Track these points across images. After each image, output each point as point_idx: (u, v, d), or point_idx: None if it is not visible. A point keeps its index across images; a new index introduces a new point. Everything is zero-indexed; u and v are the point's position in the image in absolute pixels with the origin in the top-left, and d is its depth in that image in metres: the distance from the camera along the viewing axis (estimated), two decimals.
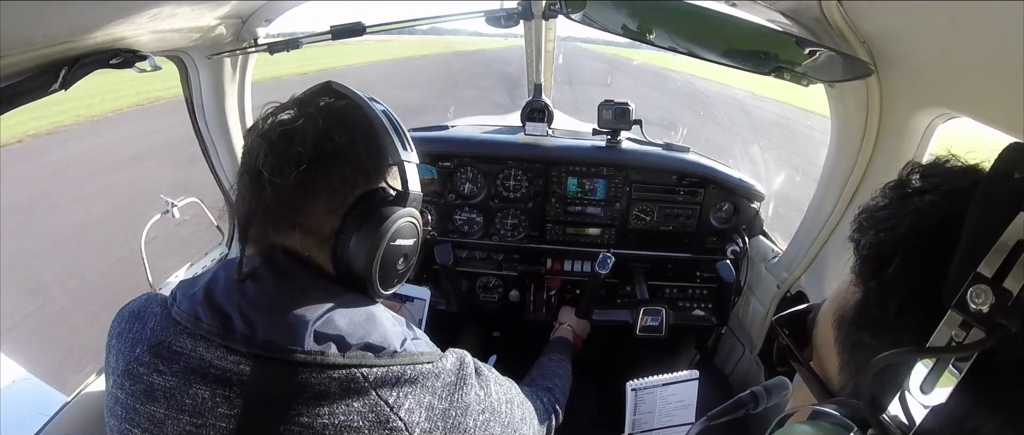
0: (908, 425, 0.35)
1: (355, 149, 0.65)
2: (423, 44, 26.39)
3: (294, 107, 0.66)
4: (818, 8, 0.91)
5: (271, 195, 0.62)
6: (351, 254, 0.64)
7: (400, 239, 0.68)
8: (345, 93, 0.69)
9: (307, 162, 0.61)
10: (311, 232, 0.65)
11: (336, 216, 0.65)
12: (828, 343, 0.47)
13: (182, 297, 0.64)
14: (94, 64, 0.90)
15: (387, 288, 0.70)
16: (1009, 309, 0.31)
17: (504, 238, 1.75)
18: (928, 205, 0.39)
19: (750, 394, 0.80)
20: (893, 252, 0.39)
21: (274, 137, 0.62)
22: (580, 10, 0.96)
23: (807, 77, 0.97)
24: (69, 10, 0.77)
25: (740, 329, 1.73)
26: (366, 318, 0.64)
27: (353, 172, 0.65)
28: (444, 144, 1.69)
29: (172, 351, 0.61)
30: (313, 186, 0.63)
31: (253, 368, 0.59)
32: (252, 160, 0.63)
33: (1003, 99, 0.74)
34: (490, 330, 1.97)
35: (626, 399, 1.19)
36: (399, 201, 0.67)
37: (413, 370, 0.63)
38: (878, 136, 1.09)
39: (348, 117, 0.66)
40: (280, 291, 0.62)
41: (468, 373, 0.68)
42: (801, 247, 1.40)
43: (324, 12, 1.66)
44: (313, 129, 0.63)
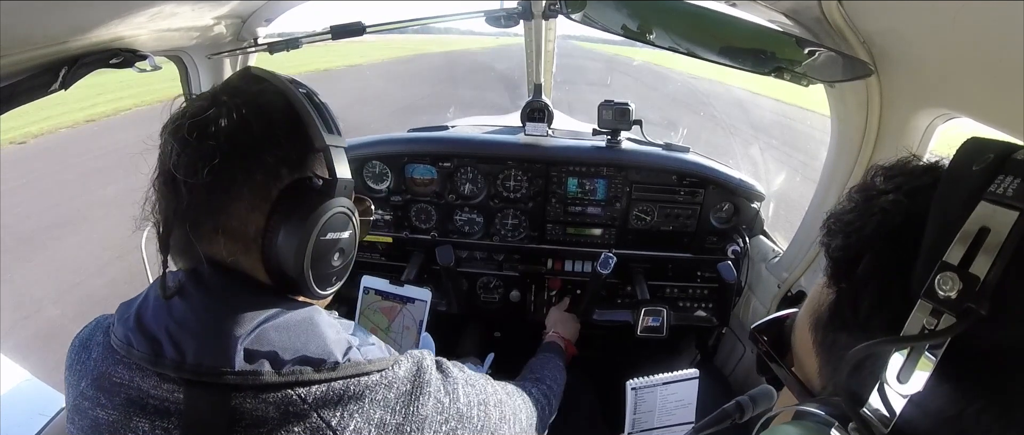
0: (889, 416, 0.36)
1: (275, 137, 0.59)
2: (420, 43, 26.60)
3: (207, 97, 0.60)
4: (818, 8, 0.91)
5: (187, 198, 0.56)
6: (280, 254, 0.59)
7: (332, 232, 0.62)
8: (265, 78, 0.63)
9: (221, 156, 0.56)
10: (235, 235, 0.59)
11: (260, 213, 0.59)
12: (806, 346, 0.48)
13: (118, 322, 0.60)
14: (94, 64, 0.90)
15: (325, 288, 0.65)
16: (977, 294, 0.32)
17: (504, 238, 1.75)
18: (892, 204, 0.40)
19: (735, 404, 0.80)
20: (861, 252, 0.40)
21: (184, 132, 0.56)
22: (580, 10, 0.96)
23: (807, 77, 0.97)
24: (69, 10, 0.77)
25: (741, 329, 1.73)
26: (303, 328, 0.58)
27: (275, 163, 0.59)
28: (444, 144, 1.69)
29: (112, 383, 0.57)
30: (232, 183, 0.57)
31: (186, 395, 0.55)
32: (165, 160, 0.58)
33: (1003, 99, 0.74)
34: (491, 330, 1.97)
35: (626, 398, 1.19)
36: (327, 190, 0.61)
37: (358, 384, 0.57)
38: (878, 136, 1.09)
39: (266, 103, 0.60)
40: (206, 307, 0.57)
41: (427, 379, 0.62)
42: (801, 247, 1.40)
43: (324, 12, 1.66)
44: (227, 119, 0.57)
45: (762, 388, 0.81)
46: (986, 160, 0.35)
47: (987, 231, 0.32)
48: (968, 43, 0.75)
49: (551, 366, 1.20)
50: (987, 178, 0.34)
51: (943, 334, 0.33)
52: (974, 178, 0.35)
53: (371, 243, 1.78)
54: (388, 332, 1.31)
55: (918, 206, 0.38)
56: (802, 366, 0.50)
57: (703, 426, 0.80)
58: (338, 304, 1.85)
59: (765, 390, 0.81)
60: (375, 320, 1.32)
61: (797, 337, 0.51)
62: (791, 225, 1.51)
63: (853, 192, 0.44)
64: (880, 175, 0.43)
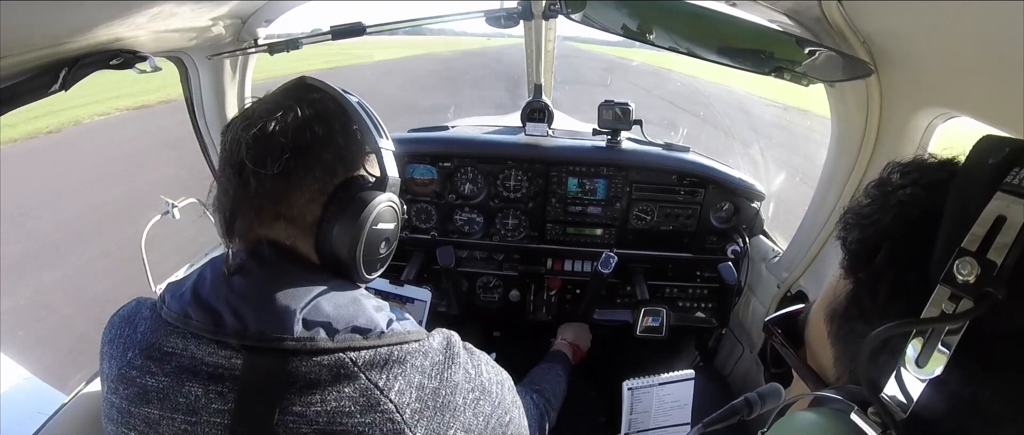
0: (906, 402, 0.37)
1: (333, 138, 0.67)
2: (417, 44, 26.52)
3: (273, 102, 0.68)
4: (818, 8, 0.91)
5: (255, 186, 0.63)
6: (334, 241, 0.66)
7: (381, 223, 0.70)
8: (320, 87, 0.70)
9: (290, 151, 0.63)
10: (294, 221, 0.66)
11: (318, 204, 0.66)
12: (821, 338, 0.48)
13: (171, 298, 0.66)
14: (94, 65, 0.90)
15: (371, 272, 0.72)
16: (995, 278, 0.33)
17: (504, 238, 1.75)
18: (909, 197, 0.41)
19: (744, 401, 0.80)
20: (879, 243, 0.41)
21: (255, 130, 0.64)
22: (580, 10, 0.96)
23: (807, 77, 0.97)
24: (69, 11, 0.77)
25: (740, 329, 1.73)
26: (351, 303, 0.65)
27: (333, 161, 0.67)
28: (444, 144, 1.69)
29: (163, 352, 0.62)
30: (294, 176, 0.65)
31: (245, 361, 0.60)
32: (235, 153, 0.64)
33: (1003, 98, 0.74)
34: (490, 330, 1.97)
35: (622, 398, 1.19)
36: (378, 186, 0.69)
37: (400, 350, 0.64)
38: (878, 136, 1.09)
39: (325, 108, 0.68)
40: (267, 282, 0.63)
41: (456, 352, 0.69)
42: (801, 247, 1.40)
43: (324, 12, 1.66)
44: (293, 120, 0.65)
45: (770, 386, 0.81)
46: (1002, 154, 0.36)
47: (1003, 220, 0.33)
48: (968, 43, 0.75)
49: (552, 377, 1.23)
50: (1003, 170, 0.35)
51: (963, 317, 0.34)
52: (990, 170, 0.36)
53: None
54: None
55: (935, 198, 0.39)
56: (816, 358, 0.51)
57: (712, 421, 0.80)
58: None
59: (773, 388, 0.81)
60: None
61: (812, 329, 0.51)
62: (786, 226, 1.51)
63: (870, 187, 0.45)
64: (896, 171, 0.44)
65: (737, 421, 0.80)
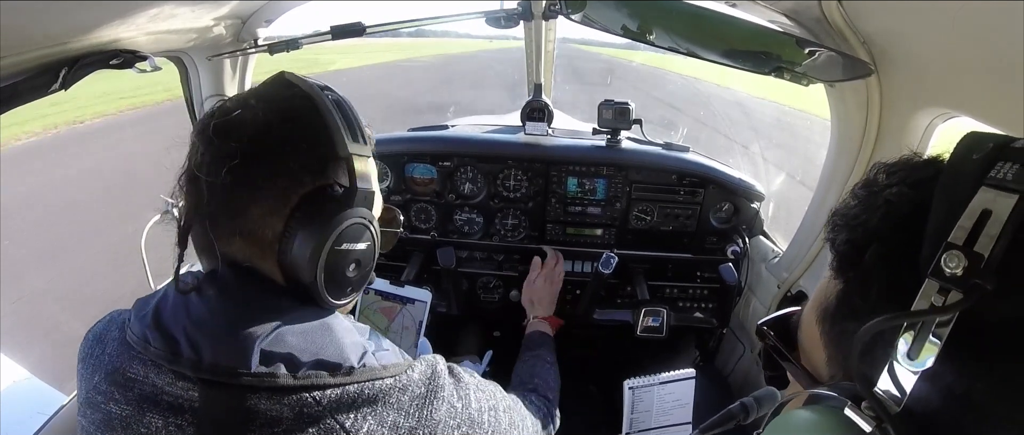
0: (900, 395, 0.37)
1: (298, 142, 0.59)
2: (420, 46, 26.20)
3: (237, 100, 0.61)
4: (818, 8, 0.91)
5: (207, 197, 0.57)
6: (295, 260, 0.59)
7: (347, 243, 0.61)
8: (296, 83, 0.62)
9: (242, 157, 0.56)
10: (253, 237, 0.59)
11: (279, 218, 0.59)
12: (814, 339, 0.49)
13: (135, 318, 0.60)
14: (94, 65, 0.90)
15: (338, 297, 0.64)
16: (982, 270, 0.34)
17: (504, 238, 1.75)
18: (896, 196, 0.41)
19: (740, 405, 0.80)
20: (868, 242, 0.42)
21: (210, 133, 0.57)
22: (580, 10, 0.96)
23: (807, 77, 0.97)
24: (69, 10, 0.77)
25: (741, 329, 1.73)
26: (320, 332, 0.59)
27: (298, 168, 0.59)
28: (444, 144, 1.69)
29: (126, 378, 0.58)
30: (253, 185, 0.58)
31: (201, 394, 0.55)
32: (190, 159, 0.59)
33: (1003, 99, 0.74)
34: (490, 330, 1.97)
35: (623, 397, 1.19)
36: (346, 199, 0.61)
37: (372, 387, 0.58)
38: (878, 136, 1.09)
39: (293, 108, 0.60)
40: (223, 307, 0.57)
41: (440, 384, 0.63)
42: (801, 247, 1.40)
43: (324, 12, 1.66)
44: (252, 121, 0.58)
45: (766, 390, 0.81)
46: (986, 149, 0.36)
47: (989, 213, 0.34)
48: (968, 43, 0.75)
49: (542, 369, 1.17)
50: (987, 165, 0.35)
51: (952, 308, 0.34)
52: (975, 165, 0.36)
53: None
54: (387, 332, 1.31)
55: (921, 196, 0.39)
56: (809, 359, 0.51)
57: (708, 426, 0.80)
58: None
59: (769, 392, 0.81)
60: (375, 320, 1.32)
61: (804, 331, 0.52)
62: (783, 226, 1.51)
63: (857, 189, 0.46)
64: (883, 171, 0.45)
65: (733, 426, 0.80)
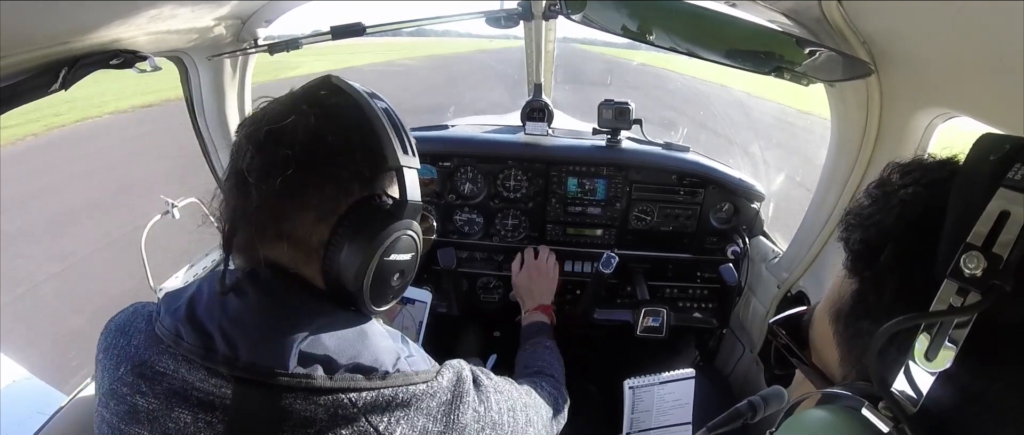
0: (916, 396, 0.37)
1: (350, 152, 0.60)
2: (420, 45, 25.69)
3: (287, 103, 0.61)
4: (818, 8, 0.91)
5: (256, 201, 0.57)
6: (341, 269, 0.59)
7: (395, 254, 0.62)
8: (344, 88, 0.63)
9: (295, 166, 0.56)
10: (299, 243, 0.60)
11: (326, 226, 0.59)
12: (826, 339, 0.48)
13: (165, 312, 0.61)
14: (94, 65, 0.90)
15: (380, 305, 0.65)
16: (1001, 271, 0.34)
17: (504, 239, 1.75)
18: (912, 196, 0.41)
19: (747, 404, 0.79)
20: (883, 242, 0.42)
21: (261, 137, 0.57)
22: (580, 11, 0.96)
23: (807, 77, 0.97)
24: (69, 10, 0.77)
25: (741, 329, 1.73)
26: (356, 337, 0.60)
27: (348, 178, 0.60)
28: (444, 144, 1.69)
29: (155, 371, 0.57)
30: (302, 192, 0.58)
31: (235, 391, 0.55)
32: (238, 160, 0.59)
33: (1003, 98, 0.74)
34: (490, 330, 1.97)
35: (623, 397, 1.19)
36: (396, 211, 0.61)
37: (406, 392, 0.59)
38: (878, 136, 1.09)
39: (344, 116, 0.60)
40: (263, 308, 0.58)
41: (465, 389, 0.64)
42: (801, 247, 1.40)
43: (324, 12, 1.66)
44: (304, 128, 0.58)
45: (774, 388, 0.81)
46: (1003, 151, 0.36)
47: (1007, 216, 0.34)
48: (968, 43, 0.75)
49: (542, 353, 1.15)
50: (1004, 167, 0.35)
51: (971, 309, 0.34)
52: (992, 167, 0.36)
53: None
54: None
55: (937, 196, 0.39)
56: (821, 358, 0.51)
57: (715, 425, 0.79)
58: None
59: (776, 390, 0.81)
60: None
61: (816, 330, 0.52)
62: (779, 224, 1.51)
63: (871, 188, 0.46)
64: (897, 171, 0.45)
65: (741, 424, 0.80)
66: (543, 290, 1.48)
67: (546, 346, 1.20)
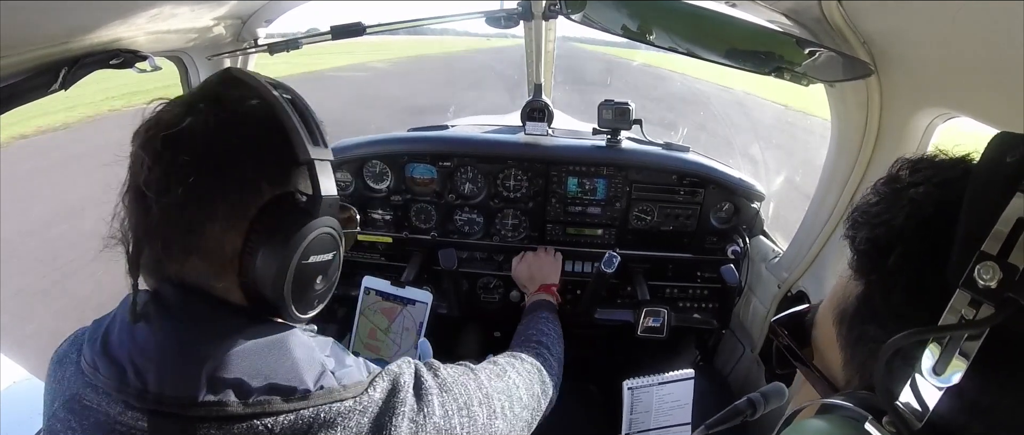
0: (922, 410, 0.36)
1: (255, 150, 0.55)
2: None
3: (183, 104, 0.56)
4: (818, 8, 0.91)
5: (158, 216, 0.52)
6: (258, 277, 0.55)
7: (314, 255, 0.58)
8: (245, 81, 0.58)
9: (196, 172, 0.52)
10: (210, 255, 0.55)
11: (237, 233, 0.54)
12: (829, 340, 0.47)
13: (88, 342, 0.57)
14: (94, 65, 0.90)
15: (305, 312, 0.61)
16: (1017, 283, 0.32)
17: (505, 238, 1.75)
18: (923, 196, 0.39)
19: (747, 401, 0.79)
20: (892, 243, 0.40)
21: (157, 145, 0.52)
22: (580, 10, 0.96)
23: (807, 77, 0.97)
24: (69, 10, 0.77)
25: (741, 329, 1.73)
26: (273, 353, 0.55)
27: (255, 178, 0.55)
28: (444, 144, 1.69)
29: (83, 406, 0.55)
30: (208, 200, 0.53)
31: (150, 424, 0.52)
32: (135, 175, 0.54)
33: (1003, 98, 0.74)
34: (491, 331, 1.97)
35: (622, 398, 1.19)
36: (311, 209, 0.57)
37: (329, 411, 0.54)
38: (878, 136, 1.09)
39: (246, 111, 0.56)
40: (168, 333, 0.54)
41: (401, 399, 0.59)
42: (802, 247, 1.40)
43: (324, 12, 1.67)
44: (203, 130, 0.53)
45: (774, 385, 0.81)
46: (1020, 153, 0.34)
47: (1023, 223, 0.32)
48: (968, 43, 0.75)
49: (539, 324, 1.10)
50: (1021, 170, 0.34)
51: (984, 323, 0.33)
52: (1009, 169, 0.34)
53: (371, 243, 1.78)
54: (388, 333, 1.31)
55: (949, 197, 0.37)
56: (824, 359, 0.49)
57: (715, 422, 0.79)
58: (339, 305, 1.85)
59: (777, 387, 0.80)
60: (375, 321, 1.32)
61: (819, 331, 0.50)
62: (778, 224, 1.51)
63: (879, 185, 0.44)
64: (907, 168, 0.43)
65: (740, 422, 0.80)
66: (546, 273, 1.47)
67: (543, 317, 1.15)
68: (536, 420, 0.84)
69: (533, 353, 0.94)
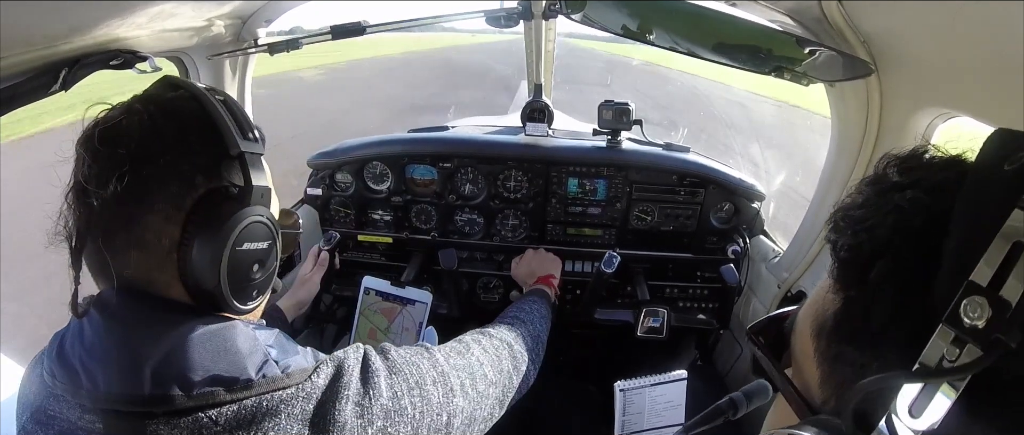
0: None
1: (188, 143, 0.57)
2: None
3: (121, 106, 0.58)
4: (818, 8, 0.91)
5: (99, 210, 0.54)
6: (195, 268, 0.56)
7: (248, 243, 0.59)
8: (180, 85, 0.61)
9: (131, 164, 0.53)
10: (149, 248, 0.56)
11: (175, 225, 0.56)
12: (807, 353, 0.44)
13: (47, 352, 0.59)
14: (94, 65, 0.90)
15: (245, 301, 0.62)
16: (1008, 321, 0.28)
17: (505, 239, 1.75)
18: (910, 202, 0.35)
19: (728, 401, 0.77)
20: (874, 256, 0.36)
21: (95, 142, 0.54)
22: (580, 10, 0.96)
23: (807, 76, 0.97)
24: (69, 11, 0.77)
25: (740, 330, 1.73)
26: (214, 344, 0.56)
27: (190, 171, 0.57)
28: (444, 145, 1.69)
29: (47, 416, 0.56)
30: (145, 193, 0.55)
31: (104, 425, 0.53)
32: (76, 172, 0.55)
33: (1003, 98, 0.74)
34: None
35: (614, 400, 1.19)
36: (242, 198, 0.59)
37: (272, 399, 0.55)
38: (878, 135, 1.09)
39: (179, 108, 0.58)
40: (110, 332, 0.55)
41: (345, 383, 0.60)
42: (802, 247, 1.40)
43: (324, 12, 1.67)
44: (139, 126, 0.55)
45: (757, 383, 0.77)
46: (1019, 159, 0.30)
47: (1021, 246, 0.28)
48: (968, 42, 0.75)
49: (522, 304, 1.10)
50: (1021, 181, 0.29)
51: (967, 369, 0.29)
52: (1007, 179, 0.30)
53: (371, 243, 1.78)
54: (388, 333, 1.31)
55: (940, 205, 0.33)
56: (801, 372, 0.46)
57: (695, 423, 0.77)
58: (339, 305, 1.85)
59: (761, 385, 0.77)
60: (375, 321, 1.32)
61: (797, 341, 0.47)
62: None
63: (863, 184, 0.40)
64: (894, 166, 0.39)
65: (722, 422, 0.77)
66: (546, 267, 1.47)
67: (529, 300, 1.14)
68: (509, 398, 0.82)
69: (506, 329, 0.92)
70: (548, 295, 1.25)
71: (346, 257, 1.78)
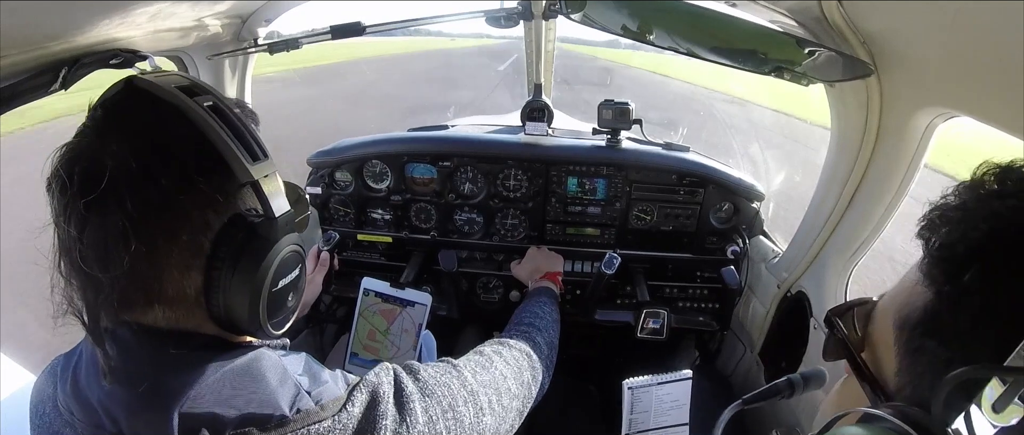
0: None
1: (191, 183, 0.49)
2: None
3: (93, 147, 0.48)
4: (818, 8, 0.91)
5: (108, 284, 0.48)
6: (230, 311, 0.53)
7: (283, 278, 0.56)
8: (155, 95, 0.50)
9: (135, 234, 0.47)
10: (173, 302, 0.52)
11: (197, 271, 0.52)
12: (886, 342, 0.45)
13: (60, 383, 0.56)
14: (94, 64, 0.90)
15: (280, 328, 0.60)
16: None
17: (504, 238, 1.75)
18: (1009, 211, 0.37)
19: (786, 381, 0.80)
20: (970, 258, 0.37)
21: (81, 212, 0.47)
22: (580, 10, 0.96)
23: (807, 77, 0.97)
24: (69, 10, 0.77)
25: (741, 329, 1.73)
26: (245, 379, 0.53)
27: (200, 214, 0.51)
28: (444, 144, 1.69)
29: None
30: (155, 250, 0.49)
31: None
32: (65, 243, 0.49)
33: (1003, 98, 0.74)
34: (490, 331, 1.97)
35: (622, 398, 1.19)
36: (269, 233, 0.54)
37: (309, 433, 0.53)
38: (878, 135, 1.09)
39: (168, 136, 0.50)
40: (132, 374, 0.51)
41: (382, 411, 0.57)
42: (801, 247, 1.40)
43: (324, 12, 1.66)
44: (127, 180, 0.47)
45: (815, 369, 0.81)
46: None
47: None
48: (968, 43, 0.75)
49: (534, 308, 1.09)
50: None
51: None
52: None
53: (371, 243, 1.78)
54: (387, 334, 1.31)
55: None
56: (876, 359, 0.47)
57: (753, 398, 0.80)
58: (338, 305, 1.86)
59: (817, 372, 0.80)
60: (374, 322, 1.32)
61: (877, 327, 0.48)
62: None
63: (961, 187, 0.41)
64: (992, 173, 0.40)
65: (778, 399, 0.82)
66: (550, 263, 1.48)
67: (539, 301, 1.14)
68: (527, 408, 0.82)
69: (523, 338, 0.92)
70: (556, 295, 1.26)
71: (345, 257, 1.78)
